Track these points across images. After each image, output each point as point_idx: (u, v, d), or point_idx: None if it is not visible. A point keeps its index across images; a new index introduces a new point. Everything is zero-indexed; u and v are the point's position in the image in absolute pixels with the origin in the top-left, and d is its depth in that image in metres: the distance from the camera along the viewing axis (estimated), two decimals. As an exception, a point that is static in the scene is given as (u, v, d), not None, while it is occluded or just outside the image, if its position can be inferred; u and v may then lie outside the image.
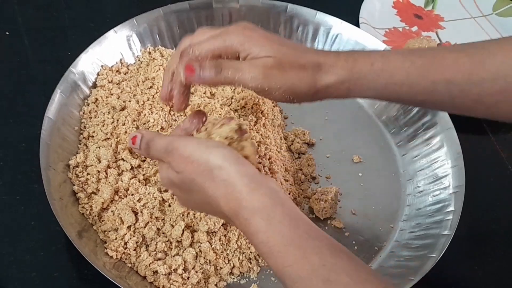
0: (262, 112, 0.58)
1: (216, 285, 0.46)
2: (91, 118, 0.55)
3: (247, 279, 0.48)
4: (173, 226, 0.47)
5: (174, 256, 0.46)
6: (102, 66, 0.59)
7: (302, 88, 0.40)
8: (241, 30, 0.40)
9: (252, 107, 0.58)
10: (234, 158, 0.36)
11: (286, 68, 0.39)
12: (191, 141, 0.37)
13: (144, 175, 0.51)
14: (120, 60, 0.61)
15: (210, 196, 0.36)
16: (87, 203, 0.48)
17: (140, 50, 0.62)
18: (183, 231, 0.47)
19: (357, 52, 0.41)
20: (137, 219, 0.47)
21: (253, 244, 0.35)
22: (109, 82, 0.58)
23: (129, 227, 0.47)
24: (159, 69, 0.59)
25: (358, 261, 0.34)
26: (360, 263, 0.34)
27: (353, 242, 0.52)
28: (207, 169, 0.35)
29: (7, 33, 0.66)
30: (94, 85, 0.58)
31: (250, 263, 0.48)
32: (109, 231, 0.47)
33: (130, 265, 0.46)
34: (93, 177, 0.50)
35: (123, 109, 0.56)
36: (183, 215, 0.48)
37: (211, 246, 0.47)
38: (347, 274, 0.32)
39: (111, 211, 0.48)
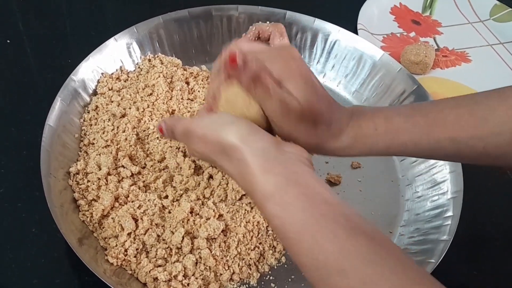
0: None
1: (216, 291, 0.47)
2: (91, 125, 0.56)
3: (247, 285, 0.48)
4: (173, 233, 0.47)
5: (174, 262, 0.46)
6: (102, 73, 0.59)
7: (305, 142, 0.39)
8: (286, 59, 0.38)
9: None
10: (246, 134, 0.35)
11: (302, 119, 0.38)
12: (204, 121, 0.37)
13: (144, 181, 0.52)
14: (120, 67, 0.61)
15: (230, 173, 0.36)
16: (88, 210, 0.49)
17: (140, 57, 0.63)
18: (183, 237, 0.47)
19: (362, 113, 0.41)
20: (137, 226, 0.47)
21: (271, 228, 0.34)
22: (109, 90, 0.59)
23: (129, 234, 0.47)
24: (159, 76, 0.60)
25: (377, 240, 0.31)
26: (379, 242, 0.31)
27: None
28: (221, 149, 0.35)
29: (8, 41, 0.67)
30: (95, 93, 0.58)
31: (250, 269, 0.48)
32: (110, 238, 0.47)
33: (130, 272, 0.46)
34: (93, 184, 0.50)
35: (123, 116, 0.56)
36: (183, 222, 0.48)
37: (211, 252, 0.47)
38: (364, 260, 0.30)
39: (112, 218, 0.48)
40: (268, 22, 0.45)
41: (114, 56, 0.61)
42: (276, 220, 0.33)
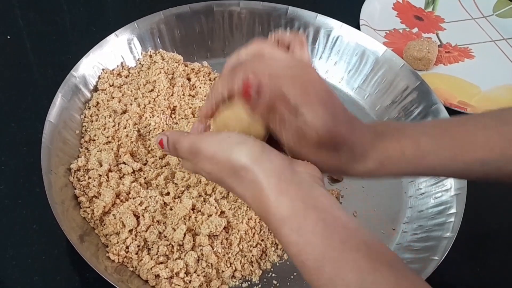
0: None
1: (218, 288, 0.46)
2: (92, 121, 0.55)
3: (249, 282, 0.48)
4: (174, 230, 0.47)
5: (175, 259, 0.46)
6: (103, 69, 0.59)
7: (325, 167, 0.37)
8: (303, 82, 0.36)
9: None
10: (258, 154, 0.33)
11: (321, 146, 0.36)
12: (213, 140, 0.35)
13: (145, 178, 0.51)
14: (121, 63, 0.61)
15: (241, 196, 0.34)
16: (89, 207, 0.48)
17: (141, 53, 0.63)
18: (184, 234, 0.47)
19: (387, 133, 0.39)
20: (138, 223, 0.47)
21: (288, 256, 0.32)
22: (110, 86, 0.58)
23: (130, 230, 0.47)
24: (160, 72, 0.59)
25: (400, 271, 0.30)
26: (403, 273, 0.30)
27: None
28: (232, 170, 0.33)
29: (8, 37, 0.66)
30: (95, 89, 0.58)
31: (252, 266, 0.48)
32: (111, 235, 0.47)
33: (131, 269, 0.46)
34: (94, 180, 0.50)
35: (124, 112, 0.56)
36: (184, 219, 0.48)
37: (213, 249, 0.47)
38: None
39: (113, 214, 0.48)
40: (288, 30, 0.43)
41: (115, 52, 0.60)
42: (293, 247, 0.31)
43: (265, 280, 0.48)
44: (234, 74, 0.36)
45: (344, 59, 0.66)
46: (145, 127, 0.55)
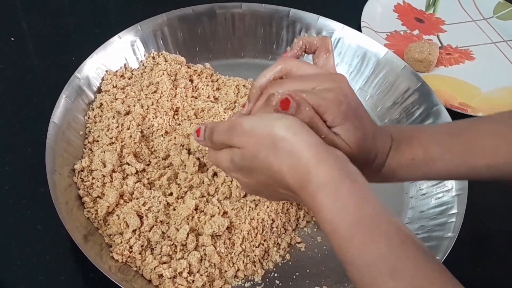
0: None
1: (220, 288, 0.47)
2: (96, 122, 0.56)
3: (251, 282, 0.48)
4: (178, 230, 0.47)
5: (179, 259, 0.46)
6: (106, 71, 0.59)
7: None
8: (338, 100, 0.37)
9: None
10: (298, 128, 0.34)
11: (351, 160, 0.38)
12: (253, 116, 0.38)
13: (148, 179, 0.52)
14: (125, 65, 0.61)
15: (274, 170, 0.35)
16: (93, 207, 0.49)
17: (144, 55, 0.63)
18: (187, 234, 0.47)
19: (400, 140, 0.41)
20: (142, 223, 0.47)
21: (319, 222, 0.33)
22: (114, 87, 0.59)
23: (134, 230, 0.47)
24: (163, 73, 0.60)
25: (424, 249, 0.32)
26: (427, 251, 0.32)
27: (357, 244, 0.52)
28: (270, 142, 0.34)
29: (12, 39, 0.67)
30: (99, 90, 0.58)
31: (255, 266, 0.48)
32: (115, 235, 0.47)
33: (135, 269, 0.46)
34: (98, 181, 0.50)
35: (127, 113, 0.56)
36: (187, 219, 0.48)
37: (216, 249, 0.47)
38: (415, 263, 0.30)
39: (116, 215, 0.48)
40: (315, 35, 0.44)
41: (118, 53, 0.61)
42: (327, 213, 0.32)
43: (267, 280, 0.49)
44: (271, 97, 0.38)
45: (346, 61, 0.67)
46: (148, 128, 0.56)
